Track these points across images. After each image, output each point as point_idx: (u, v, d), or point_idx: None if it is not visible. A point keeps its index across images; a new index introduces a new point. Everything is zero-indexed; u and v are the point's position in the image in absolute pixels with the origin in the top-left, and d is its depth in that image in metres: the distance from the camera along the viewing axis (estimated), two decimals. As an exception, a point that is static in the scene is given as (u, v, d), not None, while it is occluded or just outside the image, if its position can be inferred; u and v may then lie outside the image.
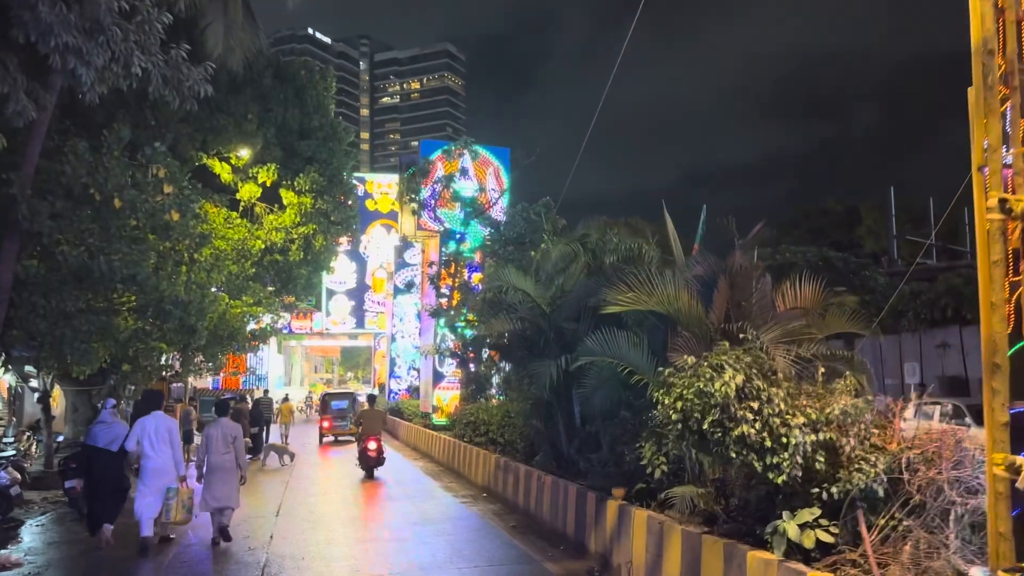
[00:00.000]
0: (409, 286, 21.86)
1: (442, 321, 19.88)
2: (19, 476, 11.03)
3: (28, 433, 16.30)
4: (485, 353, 18.64)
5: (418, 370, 35.32)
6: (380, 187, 47.23)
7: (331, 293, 47.31)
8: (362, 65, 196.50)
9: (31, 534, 10.07)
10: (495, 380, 15.37)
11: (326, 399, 28.47)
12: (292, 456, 18.18)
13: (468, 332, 18.90)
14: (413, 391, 32.99)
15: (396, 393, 35.04)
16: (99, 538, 9.43)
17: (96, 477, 9.91)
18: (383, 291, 45.56)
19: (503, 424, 12.55)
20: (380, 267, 43.99)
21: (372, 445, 15.38)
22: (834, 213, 46.74)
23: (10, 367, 12.72)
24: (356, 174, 34.13)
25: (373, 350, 47.91)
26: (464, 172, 20.13)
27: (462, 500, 12.34)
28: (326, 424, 26.58)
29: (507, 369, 11.78)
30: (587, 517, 8.21)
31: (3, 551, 8.39)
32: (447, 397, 20.71)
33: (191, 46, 10.51)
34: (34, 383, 16.43)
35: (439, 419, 20.56)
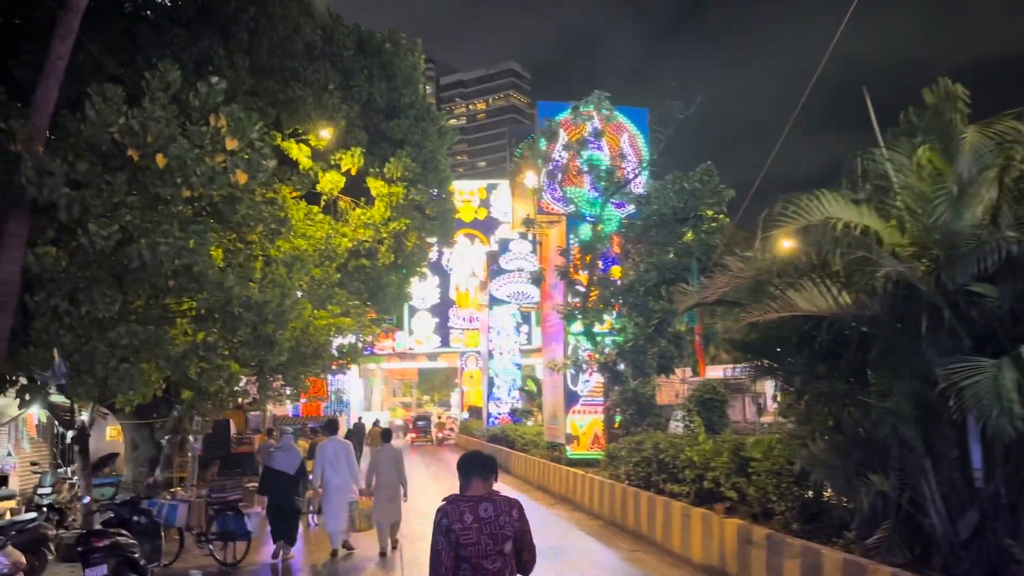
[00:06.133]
0: (537, 281, 17.90)
1: (573, 326, 15.80)
2: (22, 560, 7.44)
3: (71, 480, 12.86)
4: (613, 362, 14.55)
5: (524, 390, 31.40)
6: (462, 194, 43.79)
7: (413, 310, 44.00)
8: (428, 89, 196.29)
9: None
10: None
11: (416, 419, 46.89)
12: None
13: (616, 338, 14.79)
14: (523, 415, 29.01)
15: (496, 417, 31.09)
16: (276, 553, 11.02)
17: (278, 496, 11.13)
18: (470, 305, 41.95)
19: (734, 469, 8.29)
20: (472, 275, 40.28)
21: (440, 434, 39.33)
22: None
23: (28, 396, 9.18)
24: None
25: (460, 369, 44.21)
26: (598, 135, 16.01)
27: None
28: (414, 435, 44.22)
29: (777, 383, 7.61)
30: None
31: None
32: (583, 423, 16.57)
33: None
34: (84, 417, 12.96)
35: (577, 452, 16.34)
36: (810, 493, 7.34)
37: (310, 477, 15.82)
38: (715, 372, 32.61)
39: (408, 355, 47.28)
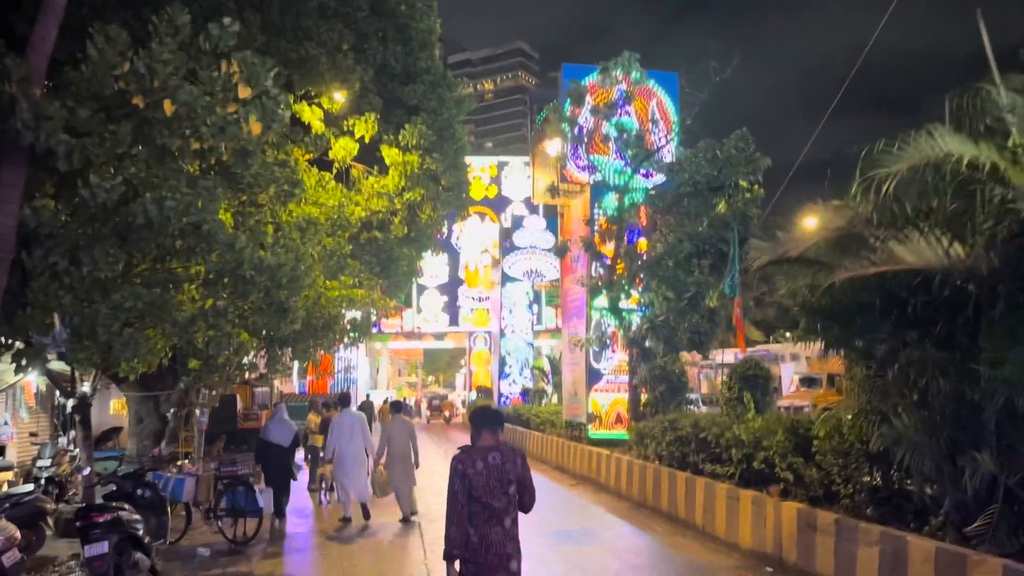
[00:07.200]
0: (561, 252, 17.18)
1: (597, 301, 15.13)
2: (16, 534, 6.88)
3: (72, 453, 12.30)
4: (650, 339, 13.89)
5: (539, 369, 30.89)
6: (472, 171, 43.14)
7: (422, 288, 43.41)
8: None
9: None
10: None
11: (431, 399, 50.24)
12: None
13: (644, 312, 14.14)
14: (534, 395, 28.44)
15: (507, 397, 30.57)
16: (274, 527, 11.29)
17: (271, 467, 11.61)
18: (479, 284, 41.35)
19: (791, 448, 7.65)
20: (484, 251, 39.56)
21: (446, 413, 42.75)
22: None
23: (26, 362, 8.56)
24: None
25: (468, 349, 43.68)
26: (628, 100, 15.19)
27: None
28: (429, 413, 47.06)
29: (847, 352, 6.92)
30: None
31: None
32: (606, 402, 15.94)
33: None
34: (86, 387, 12.37)
35: (599, 431, 15.73)
36: (877, 477, 6.68)
37: (321, 454, 15.36)
38: (726, 356, 31.92)
39: (415, 334, 46.74)
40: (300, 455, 18.82)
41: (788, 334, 48.18)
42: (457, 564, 4.47)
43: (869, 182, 5.52)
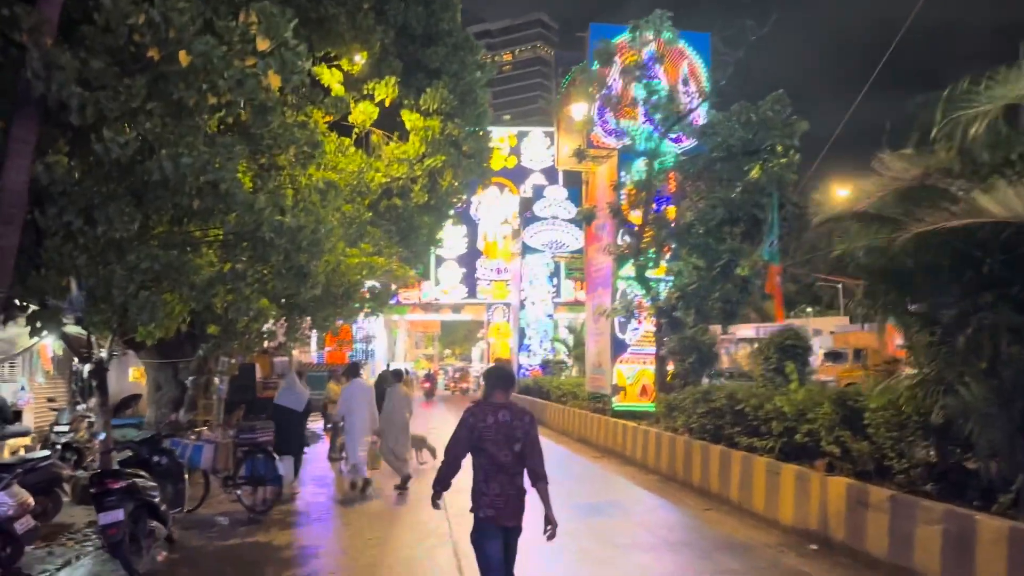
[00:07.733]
0: (588, 219, 16.71)
1: (623, 269, 14.72)
2: (29, 500, 6.66)
3: (90, 419, 12.14)
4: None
5: (561, 341, 30.67)
6: (491, 141, 42.57)
7: (440, 260, 43.17)
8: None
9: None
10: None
11: (454, 371, 53.97)
12: (432, 451, 13.71)
13: (672, 281, 13.72)
14: (554, 366, 28.19)
15: (527, 370, 30.33)
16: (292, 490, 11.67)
17: (284, 432, 11.57)
18: (498, 256, 40.98)
19: (838, 420, 7.26)
20: (505, 222, 39.10)
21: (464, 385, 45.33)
22: None
23: (40, 324, 8.31)
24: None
25: (487, 321, 43.43)
26: (660, 60, 14.60)
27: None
28: (452, 385, 50.08)
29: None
30: None
31: None
32: (631, 373, 15.62)
33: None
34: (103, 352, 12.17)
35: (624, 403, 15.40)
36: (933, 452, 6.30)
37: (340, 423, 15.24)
38: (746, 332, 31.42)
39: (432, 306, 46.58)
40: (320, 425, 18.67)
41: (809, 309, 47.54)
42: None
43: (952, 125, 5.05)
